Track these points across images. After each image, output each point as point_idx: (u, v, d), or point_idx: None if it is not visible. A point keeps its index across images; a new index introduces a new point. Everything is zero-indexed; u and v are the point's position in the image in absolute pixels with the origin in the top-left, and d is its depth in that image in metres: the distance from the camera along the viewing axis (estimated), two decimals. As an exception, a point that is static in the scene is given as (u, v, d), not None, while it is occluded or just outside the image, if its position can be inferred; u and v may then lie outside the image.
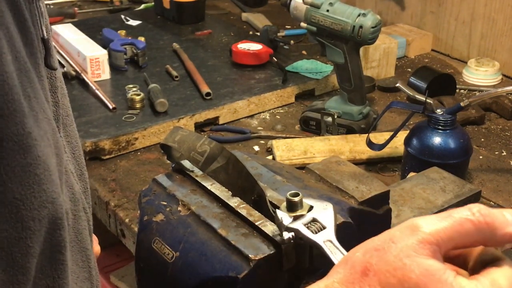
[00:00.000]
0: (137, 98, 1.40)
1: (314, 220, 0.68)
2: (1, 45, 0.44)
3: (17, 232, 0.47)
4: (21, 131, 0.46)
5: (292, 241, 0.67)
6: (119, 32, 1.77)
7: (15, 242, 0.47)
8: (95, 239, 0.87)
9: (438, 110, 1.15)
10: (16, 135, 0.46)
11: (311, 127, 1.39)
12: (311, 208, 0.68)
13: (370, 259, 0.50)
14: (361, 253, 0.51)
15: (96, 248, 0.85)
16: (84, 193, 0.66)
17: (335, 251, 0.65)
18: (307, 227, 0.67)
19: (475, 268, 0.51)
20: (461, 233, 0.49)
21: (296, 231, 0.67)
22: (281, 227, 0.67)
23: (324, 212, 0.69)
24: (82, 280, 0.61)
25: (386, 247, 0.50)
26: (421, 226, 0.49)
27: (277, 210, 0.68)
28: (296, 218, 0.67)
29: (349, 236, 0.73)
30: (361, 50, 1.37)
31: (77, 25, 1.77)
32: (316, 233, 0.67)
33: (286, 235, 0.67)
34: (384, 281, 0.49)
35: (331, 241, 0.67)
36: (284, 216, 0.67)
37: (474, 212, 0.49)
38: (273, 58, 1.63)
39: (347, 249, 0.58)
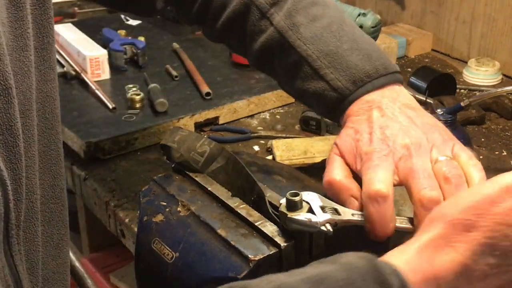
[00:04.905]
0: (137, 98, 1.40)
1: (323, 207, 0.69)
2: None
3: None
4: None
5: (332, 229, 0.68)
6: (119, 32, 1.77)
7: None
8: None
9: (438, 110, 1.15)
10: None
11: (311, 127, 1.39)
12: (307, 202, 0.69)
13: (470, 217, 0.56)
14: (458, 212, 0.57)
15: None
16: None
17: None
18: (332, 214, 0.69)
19: None
20: None
21: (329, 220, 0.68)
22: (312, 225, 0.67)
23: (318, 197, 0.70)
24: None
25: (486, 211, 0.56)
26: None
27: (293, 214, 0.68)
28: (312, 212, 0.68)
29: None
30: (361, 50, 1.37)
31: (77, 25, 1.76)
32: (340, 214, 0.69)
33: (327, 227, 0.67)
34: (491, 233, 0.55)
35: (358, 213, 0.71)
36: (308, 216, 0.68)
37: None
38: (273, 58, 1.63)
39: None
